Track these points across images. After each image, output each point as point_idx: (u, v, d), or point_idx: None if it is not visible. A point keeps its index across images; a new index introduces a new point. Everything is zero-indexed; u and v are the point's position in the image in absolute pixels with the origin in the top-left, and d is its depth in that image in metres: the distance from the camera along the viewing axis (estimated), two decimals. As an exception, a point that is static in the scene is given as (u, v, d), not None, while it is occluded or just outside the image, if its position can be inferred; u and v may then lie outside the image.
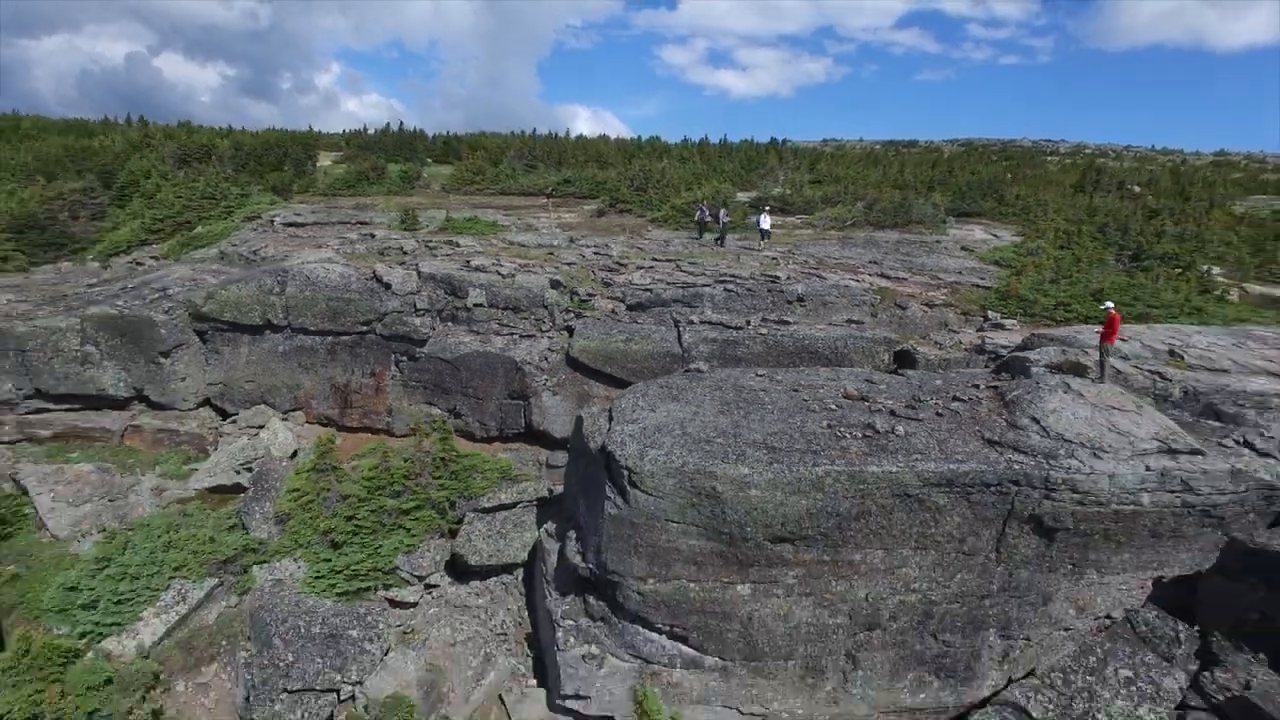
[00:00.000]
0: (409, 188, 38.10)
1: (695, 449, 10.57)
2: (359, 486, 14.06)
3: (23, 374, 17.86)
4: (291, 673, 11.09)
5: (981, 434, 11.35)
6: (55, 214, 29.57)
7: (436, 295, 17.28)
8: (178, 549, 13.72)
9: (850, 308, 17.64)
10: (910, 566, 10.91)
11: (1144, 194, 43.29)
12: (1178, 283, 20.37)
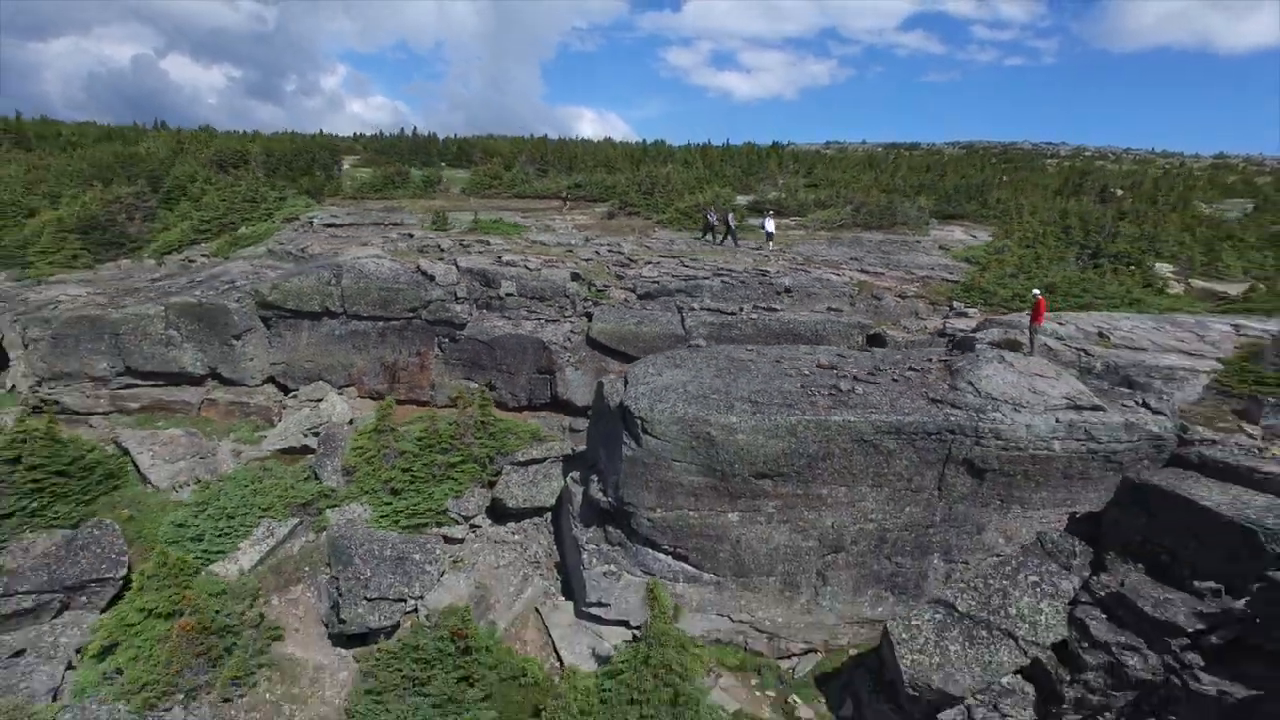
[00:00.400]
0: (430, 191, 40.86)
1: (694, 403, 13.25)
2: (413, 444, 16.78)
3: (115, 354, 20.66)
4: (370, 585, 13.77)
5: (927, 394, 14.00)
6: (114, 216, 32.38)
7: (473, 286, 20.00)
8: (263, 495, 16.46)
9: (831, 298, 20.27)
10: (868, 500, 13.56)
11: (1125, 197, 45.80)
12: (1123, 278, 22.96)
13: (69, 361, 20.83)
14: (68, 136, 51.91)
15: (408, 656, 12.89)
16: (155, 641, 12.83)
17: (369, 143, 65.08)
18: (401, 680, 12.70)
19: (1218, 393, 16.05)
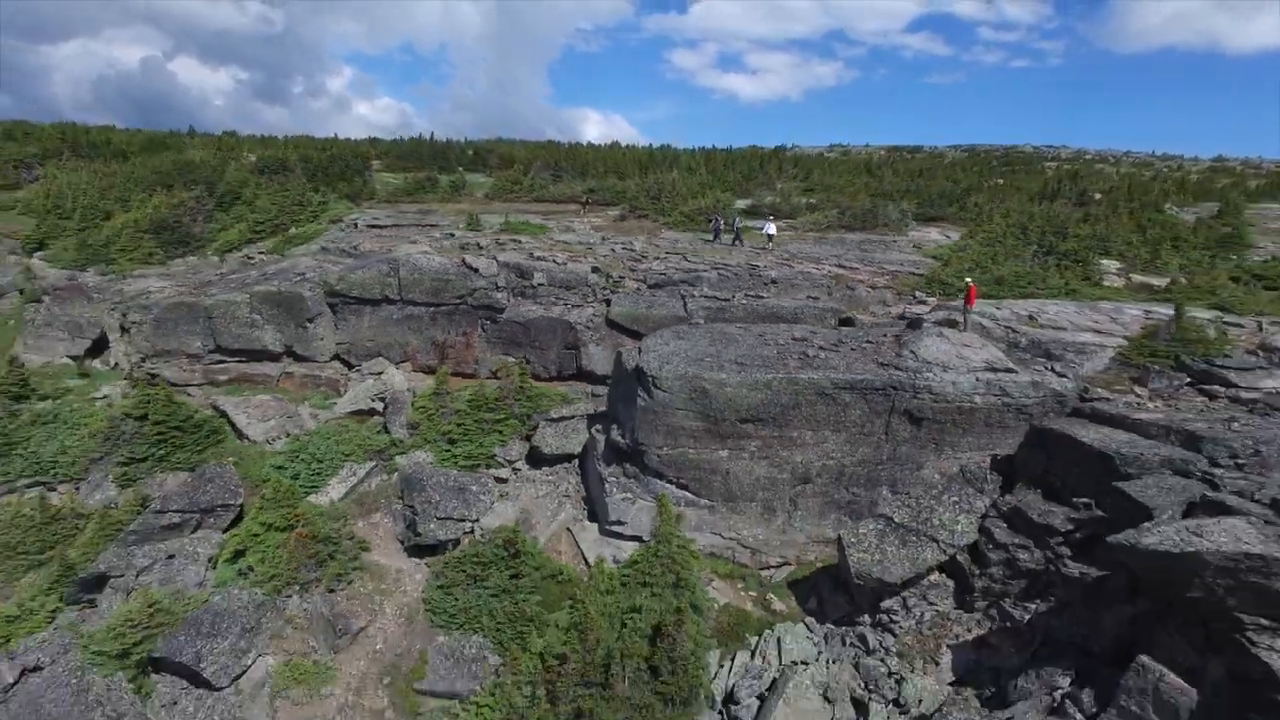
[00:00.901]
0: (456, 195, 44.73)
1: (693, 365, 16.99)
2: (465, 405, 20.58)
3: (208, 335, 24.54)
4: (439, 507, 17.53)
5: (877, 360, 17.69)
6: (180, 218, 36.32)
7: (510, 277, 23.79)
8: (344, 444, 20.29)
9: (811, 288, 23.97)
10: (829, 442, 17.26)
11: (1101, 201, 49.21)
12: (1066, 273, 26.58)
13: (169, 341, 24.73)
14: (117, 145, 55.99)
15: (470, 560, 16.67)
16: (276, 547, 16.63)
17: (390, 148, 69.12)
18: (465, 578, 16.48)
19: (1121, 363, 19.65)
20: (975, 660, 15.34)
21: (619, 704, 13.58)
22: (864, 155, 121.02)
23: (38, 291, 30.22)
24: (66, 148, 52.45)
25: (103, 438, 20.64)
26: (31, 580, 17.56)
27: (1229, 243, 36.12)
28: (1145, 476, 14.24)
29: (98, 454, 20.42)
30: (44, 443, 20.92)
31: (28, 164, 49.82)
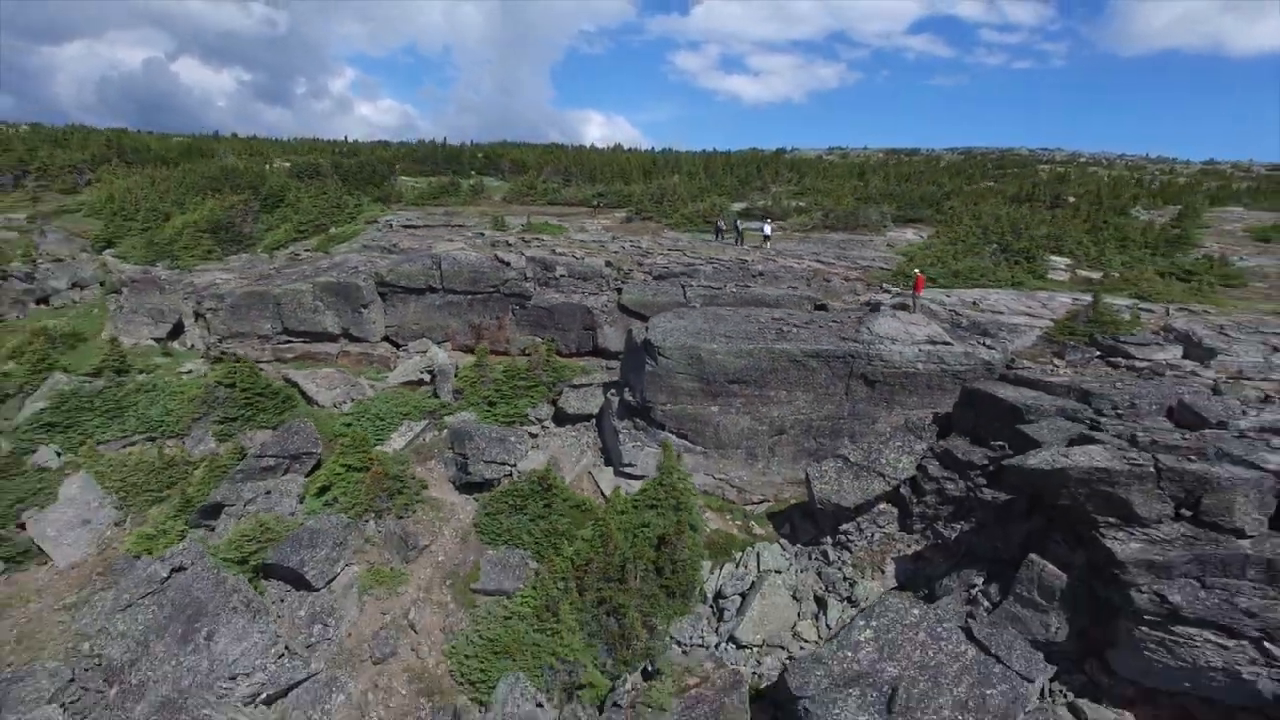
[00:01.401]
0: (477, 198, 48.85)
1: (690, 337, 21.08)
2: (501, 375, 24.68)
3: (277, 318, 28.66)
4: (485, 452, 21.62)
5: (840, 335, 21.77)
6: (232, 219, 40.48)
7: (536, 270, 27.89)
8: (402, 406, 24.40)
9: (792, 280, 28.04)
10: (800, 401, 21.33)
11: (1075, 204, 53.17)
12: (1016, 267, 30.62)
13: (242, 324, 28.87)
14: (157, 151, 60.25)
15: (511, 494, 20.76)
16: (355, 483, 20.74)
17: (406, 152, 73.33)
18: (508, 507, 20.58)
19: (1046, 340, 23.68)
20: (913, 570, 19.43)
21: (632, 594, 17.67)
22: (861, 158, 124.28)
23: (116, 284, 34.37)
24: (113, 154, 56.66)
25: (200, 401, 24.79)
26: (157, 511, 21.71)
27: (1176, 243, 40.11)
28: (1041, 421, 18.32)
29: (197, 414, 24.55)
30: (149, 406, 25.06)
31: (78, 169, 54.05)
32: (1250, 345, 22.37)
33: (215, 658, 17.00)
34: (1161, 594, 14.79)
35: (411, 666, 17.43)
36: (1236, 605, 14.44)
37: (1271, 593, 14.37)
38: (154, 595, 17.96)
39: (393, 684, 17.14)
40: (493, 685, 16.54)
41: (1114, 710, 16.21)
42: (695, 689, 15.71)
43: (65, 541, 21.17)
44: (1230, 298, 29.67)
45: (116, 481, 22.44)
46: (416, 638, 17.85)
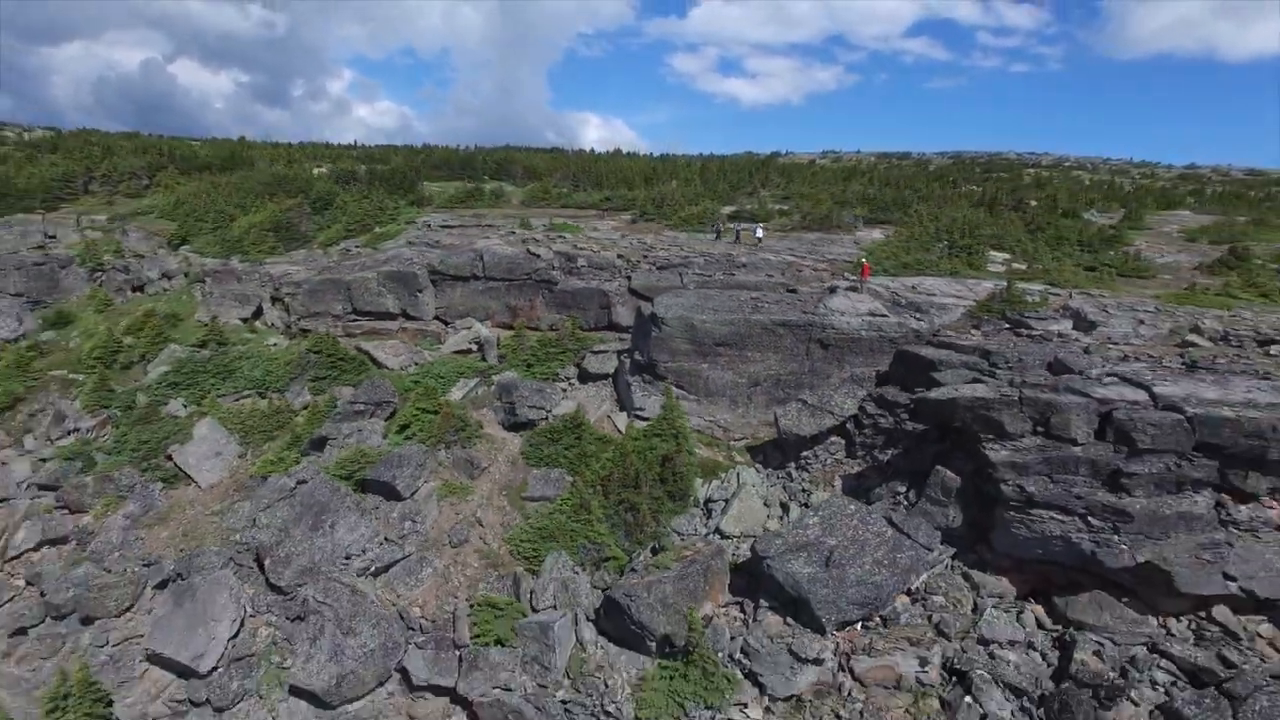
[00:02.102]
0: (498, 201, 55.08)
1: (686, 311, 27.36)
2: (536, 343, 30.92)
3: (347, 301, 34.86)
4: (527, 400, 27.79)
5: (802, 309, 28.04)
6: (290, 219, 46.68)
7: (561, 260, 34.12)
8: (457, 367, 30.62)
9: (769, 270, 34.30)
10: (770, 360, 27.58)
11: (1037, 206, 59.46)
12: (956, 260, 36.91)
13: (318, 305, 35.06)
14: (203, 157, 66.47)
15: (548, 431, 26.97)
16: (428, 422, 26.92)
17: (425, 157, 79.59)
18: (547, 440, 26.78)
19: (968, 316, 29.92)
20: (855, 484, 25.66)
21: (643, 497, 23.88)
22: (853, 162, 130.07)
23: (198, 274, 40.52)
24: (167, 160, 62.88)
25: (294, 364, 30.99)
26: (271, 445, 27.89)
27: (1110, 241, 46.47)
28: (948, 371, 24.56)
29: (293, 375, 30.75)
30: (252, 369, 31.26)
31: (137, 174, 60.25)
32: (1123, 319, 28.75)
33: (336, 542, 23.22)
34: (1022, 486, 21.01)
35: (480, 549, 23.64)
36: (1071, 492, 20.69)
37: (1094, 483, 20.65)
38: (286, 499, 24.19)
39: (467, 560, 23.35)
40: (542, 559, 22.75)
41: (995, 577, 22.45)
42: (690, 556, 21.93)
43: (204, 468, 27.36)
44: (1130, 286, 36.05)
45: (237, 424, 28.63)
46: (483, 530, 24.07)
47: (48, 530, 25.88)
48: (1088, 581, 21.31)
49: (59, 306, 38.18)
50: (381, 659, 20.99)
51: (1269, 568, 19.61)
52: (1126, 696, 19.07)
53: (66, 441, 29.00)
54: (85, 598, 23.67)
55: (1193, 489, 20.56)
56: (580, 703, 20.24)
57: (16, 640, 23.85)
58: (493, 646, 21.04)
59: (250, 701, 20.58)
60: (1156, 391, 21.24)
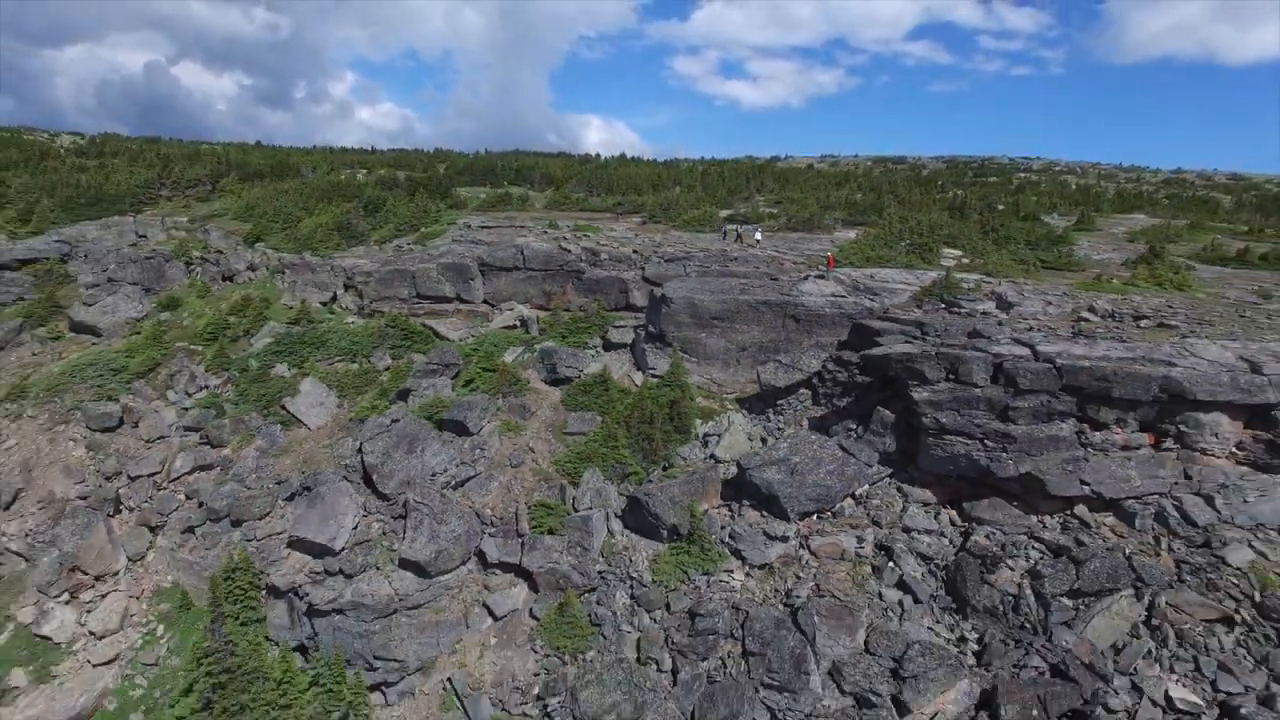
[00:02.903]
0: (524, 205, 62.75)
1: (689, 292, 35.10)
2: (569, 320, 38.65)
3: (411, 287, 42.56)
4: (564, 361, 35.45)
5: (780, 292, 35.76)
6: (349, 220, 54.39)
7: (587, 254, 41.82)
8: (507, 339, 38.35)
9: (756, 263, 41.98)
10: (754, 331, 35.29)
11: (1003, 210, 66.98)
12: (912, 255, 44.51)
13: (387, 291, 42.77)
14: (255, 165, 74.17)
15: (581, 385, 34.67)
16: (489, 379, 34.62)
17: (452, 162, 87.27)
18: (581, 391, 34.49)
19: (913, 299, 37.50)
20: (818, 424, 33.27)
21: (656, 430, 31.55)
22: (849, 166, 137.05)
23: (277, 266, 48.25)
24: (225, 168, 70.71)
25: (374, 336, 38.74)
26: (362, 398, 35.60)
27: (1056, 241, 54.04)
28: (888, 336, 32.20)
29: (375, 344, 38.49)
30: (340, 340, 38.99)
31: (201, 181, 68.08)
32: (1035, 301, 36.35)
33: (425, 463, 30.92)
34: (938, 419, 28.59)
35: (533, 468, 31.34)
36: (973, 422, 28.26)
37: (989, 415, 28.23)
38: (385, 432, 31.89)
39: (524, 476, 31.04)
40: (581, 475, 30.41)
41: (920, 489, 30.06)
42: (692, 470, 29.60)
43: (311, 414, 35.08)
44: (1055, 276, 43.60)
45: (334, 382, 36.37)
46: (535, 455, 31.77)
47: (198, 459, 33.66)
48: (986, 491, 28.90)
49: (168, 293, 45.94)
50: (465, 543, 28.69)
51: (1114, 476, 27.15)
52: (1004, 564, 26.79)
53: (200, 395, 36.77)
54: (235, 505, 31.46)
55: (1060, 419, 28.10)
56: (612, 571, 27.96)
57: (185, 537, 31.66)
58: (546, 535, 28.72)
59: (371, 572, 28.25)
60: (1038, 349, 28.84)
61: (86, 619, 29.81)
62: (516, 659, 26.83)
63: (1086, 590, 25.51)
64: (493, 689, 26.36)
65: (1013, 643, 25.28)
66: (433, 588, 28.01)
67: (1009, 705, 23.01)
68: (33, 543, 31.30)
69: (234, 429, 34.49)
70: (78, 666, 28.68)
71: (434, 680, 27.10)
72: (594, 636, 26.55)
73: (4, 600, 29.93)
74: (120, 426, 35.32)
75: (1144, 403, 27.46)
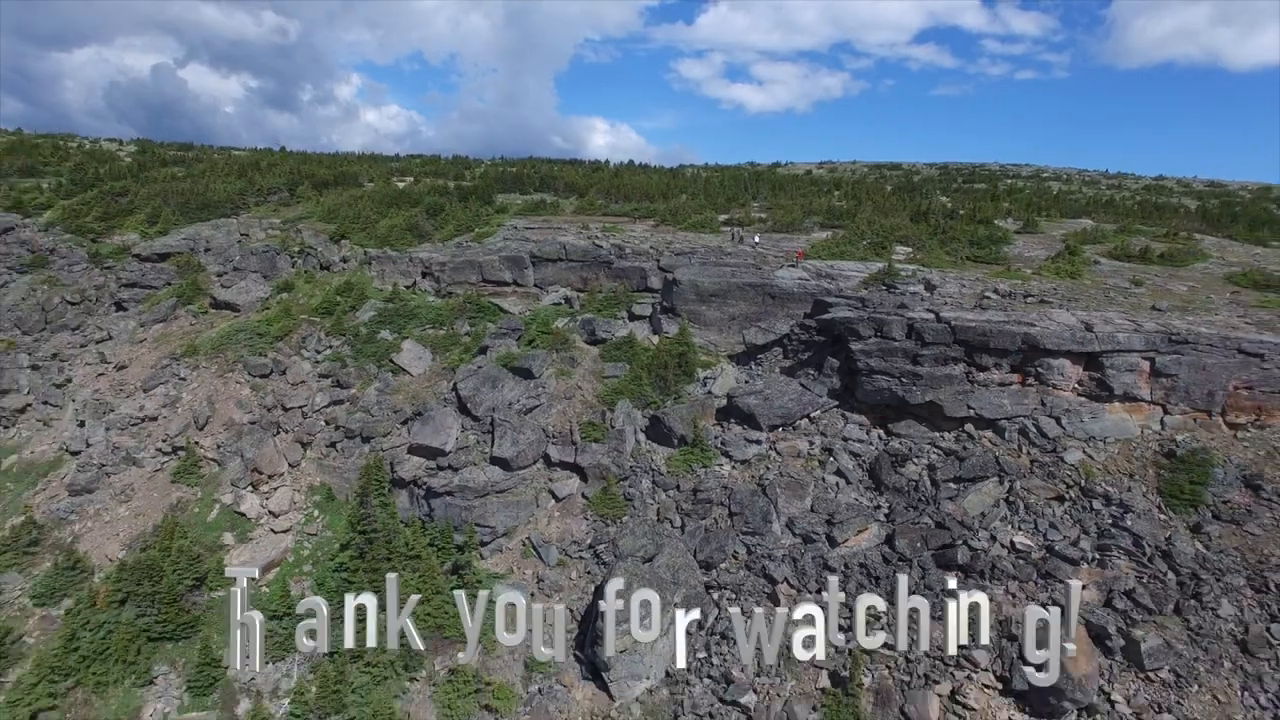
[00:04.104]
0: (556, 210, 75.07)
1: (693, 275, 47.51)
2: (601, 299, 51.04)
3: (478, 274, 54.96)
4: (601, 328, 47.71)
5: (760, 277, 48.09)
6: (417, 222, 66.74)
7: (615, 249, 54.15)
8: (556, 311, 50.69)
9: (745, 256, 54.29)
10: (741, 305, 47.62)
11: (964, 215, 78.96)
12: (868, 251, 56.70)
13: (459, 277, 55.15)
14: (320, 175, 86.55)
15: (613, 344, 47.03)
16: (547, 339, 46.98)
17: (486, 171, 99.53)
18: (613, 348, 46.85)
19: (862, 283, 49.61)
20: (787, 371, 45.53)
21: (669, 372, 43.93)
22: (845, 172, 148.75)
23: (364, 259, 60.69)
24: (297, 178, 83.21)
25: (455, 310, 51.14)
26: (449, 354, 47.96)
27: (997, 242, 66.11)
28: (836, 307, 44.48)
29: (455, 316, 50.89)
30: (427, 314, 51.39)
31: (278, 189, 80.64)
32: (954, 285, 48.57)
33: (504, 395, 43.29)
34: (869, 364, 40.89)
35: (582, 400, 43.67)
36: (893, 365, 40.55)
37: (904, 361, 40.49)
38: (473, 375, 44.30)
39: (576, 405, 43.38)
40: (615, 403, 42.71)
41: (858, 415, 42.28)
42: (695, 400, 41.88)
43: (414, 365, 47.47)
44: (979, 268, 55.67)
45: (428, 343, 48.77)
46: (582, 390, 44.12)
47: (333, 397, 46.09)
48: (903, 414, 41.10)
49: (282, 279, 58.45)
50: (536, 448, 41.03)
51: (991, 403, 39.25)
52: (911, 460, 39.05)
53: (326, 352, 49.22)
54: (365, 426, 43.86)
55: (953, 364, 40.24)
56: (639, 466, 40.29)
57: (328, 450, 44.10)
58: (592, 443, 41.03)
59: (470, 466, 40.54)
60: (940, 315, 41.01)
61: (266, 503, 42.23)
62: (573, 524, 39.16)
63: (966, 477, 37.76)
64: (557, 543, 38.65)
65: (912, 510, 37.53)
66: (514, 478, 40.32)
67: (901, 539, 35.32)
68: (223, 453, 43.78)
69: (357, 375, 46.93)
70: (265, 533, 41.09)
71: (516, 540, 39.39)
72: (627, 507, 38.86)
73: (210, 489, 42.43)
74: (271, 374, 47.78)
75: (1012, 351, 39.58)
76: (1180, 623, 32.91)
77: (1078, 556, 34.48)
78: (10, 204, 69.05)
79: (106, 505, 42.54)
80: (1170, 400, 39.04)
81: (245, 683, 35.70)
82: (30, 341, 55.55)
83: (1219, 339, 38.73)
